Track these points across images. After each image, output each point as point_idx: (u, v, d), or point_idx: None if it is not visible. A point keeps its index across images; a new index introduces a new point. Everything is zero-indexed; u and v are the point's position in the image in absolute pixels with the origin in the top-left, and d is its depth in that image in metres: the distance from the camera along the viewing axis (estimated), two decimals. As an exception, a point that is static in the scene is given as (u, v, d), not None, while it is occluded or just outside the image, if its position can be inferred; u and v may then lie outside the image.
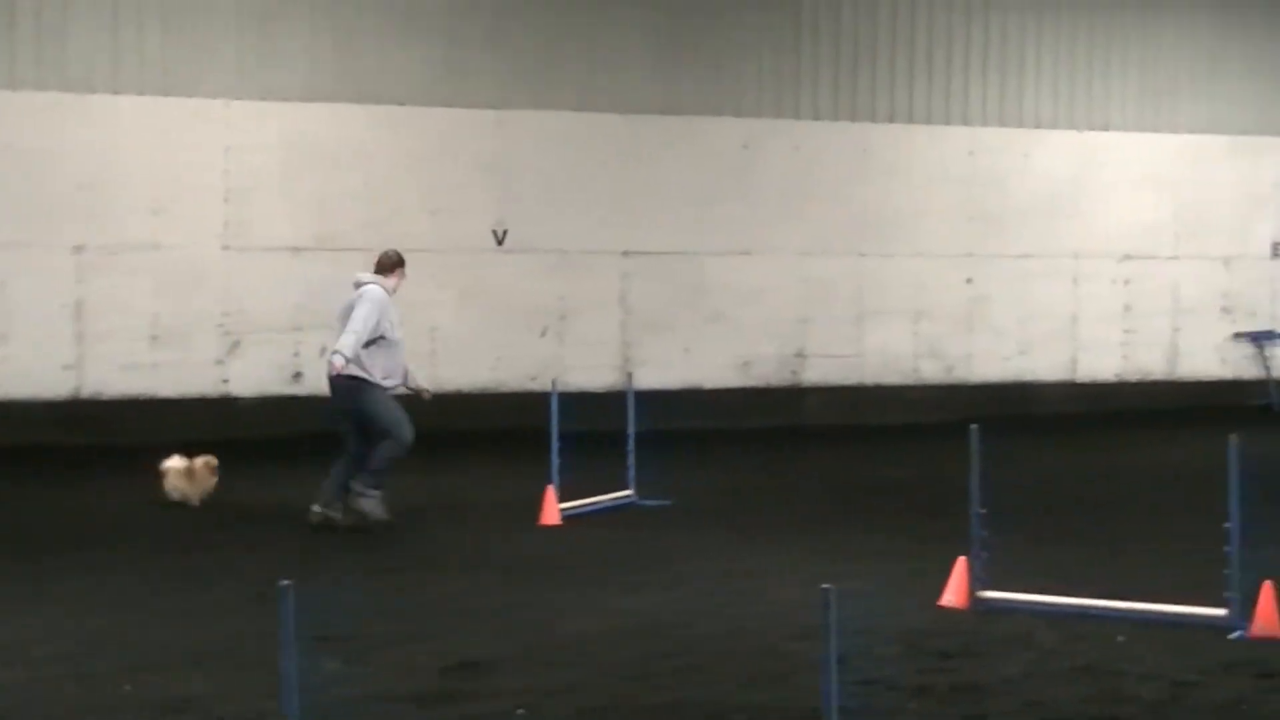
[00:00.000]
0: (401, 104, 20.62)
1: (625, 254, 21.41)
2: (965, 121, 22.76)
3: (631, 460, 15.08)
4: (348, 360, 13.54)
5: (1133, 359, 23.56)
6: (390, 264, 14.07)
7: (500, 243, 20.91)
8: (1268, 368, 23.85)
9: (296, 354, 20.26)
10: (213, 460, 15.34)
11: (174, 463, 15.28)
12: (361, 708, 8.17)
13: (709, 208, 21.78)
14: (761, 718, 8.04)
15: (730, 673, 8.92)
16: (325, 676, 8.45)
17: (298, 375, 20.25)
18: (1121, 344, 23.49)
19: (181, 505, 15.00)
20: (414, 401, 14.48)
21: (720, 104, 21.83)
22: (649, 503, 14.78)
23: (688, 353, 21.71)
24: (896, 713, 8.15)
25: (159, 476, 15.18)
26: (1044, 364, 23.23)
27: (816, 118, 22.17)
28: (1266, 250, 24.06)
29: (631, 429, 15.20)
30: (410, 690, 8.52)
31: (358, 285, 13.89)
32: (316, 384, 20.20)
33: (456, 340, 20.78)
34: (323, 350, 20.17)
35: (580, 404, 16.36)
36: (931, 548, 12.27)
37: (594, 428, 15.64)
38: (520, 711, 8.11)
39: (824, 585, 5.96)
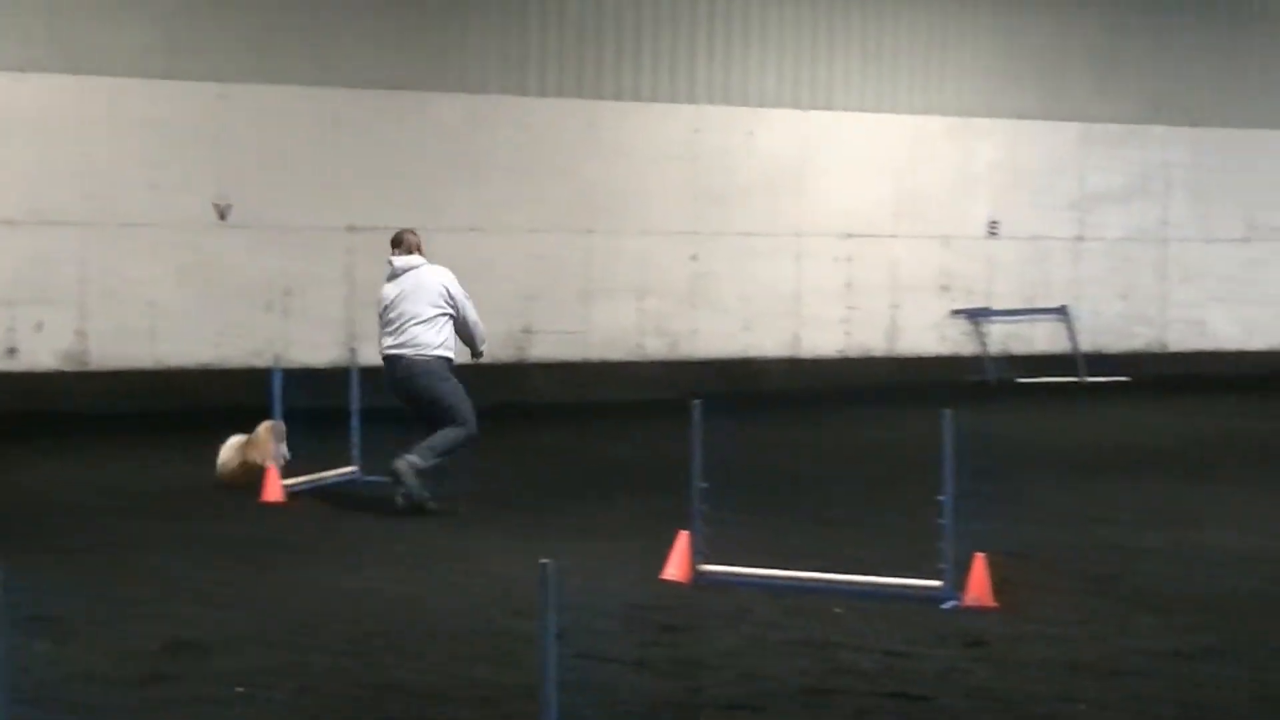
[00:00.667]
0: (118, 76, 20.15)
1: (351, 229, 21.20)
2: (690, 100, 22.94)
3: (356, 437, 14.96)
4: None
5: (854, 335, 23.97)
6: (418, 244, 13.97)
7: (223, 218, 20.58)
8: (984, 344, 24.43)
9: (11, 329, 19.73)
10: (275, 425, 14.38)
11: (228, 443, 14.62)
12: (74, 689, 7.99)
13: (436, 183, 21.67)
14: (482, 693, 8.03)
15: (451, 650, 8.89)
16: (36, 657, 8.25)
17: (12, 351, 19.71)
18: (843, 321, 23.88)
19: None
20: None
21: (448, 79, 21.71)
22: (373, 479, 14.66)
23: (414, 329, 21.58)
24: (616, 686, 8.20)
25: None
26: (768, 340, 23.52)
27: (544, 94, 22.17)
28: (983, 229, 24.64)
29: (355, 405, 15.07)
30: (126, 671, 8.35)
31: (405, 270, 13.65)
32: (32, 359, 19.71)
33: (177, 316, 20.40)
34: (39, 325, 19.69)
35: (305, 380, 16.19)
36: (654, 523, 12.34)
37: (319, 404, 15.48)
38: (239, 690, 8.01)
39: (542, 560, 5.96)
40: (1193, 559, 11.64)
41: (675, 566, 10.71)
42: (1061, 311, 24.90)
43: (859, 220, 23.84)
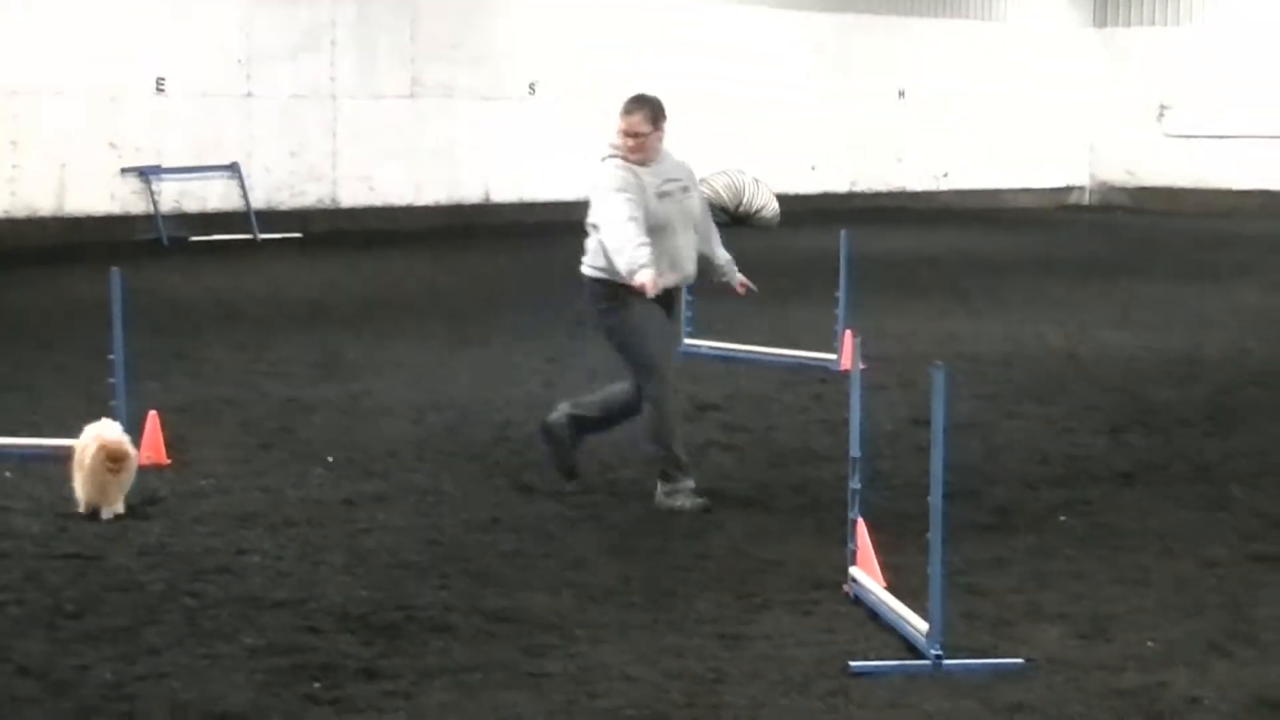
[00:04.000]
0: None
1: None
2: None
3: None
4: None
5: (21, 196, 23.19)
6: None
7: None
8: (155, 202, 24.13)
9: None
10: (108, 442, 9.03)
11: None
12: None
13: None
14: None
15: None
16: None
17: None
18: (9, 180, 23.04)
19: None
20: None
21: None
22: None
23: None
24: None
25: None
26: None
27: None
28: (153, 86, 24.24)
29: None
30: None
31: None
32: None
33: None
34: None
35: None
36: None
37: None
38: None
39: None
40: (361, 410, 12.00)
41: None
42: (233, 169, 24.87)
43: (22, 75, 23.01)
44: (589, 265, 9.44)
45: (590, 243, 9.44)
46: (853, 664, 6.79)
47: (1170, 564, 8.36)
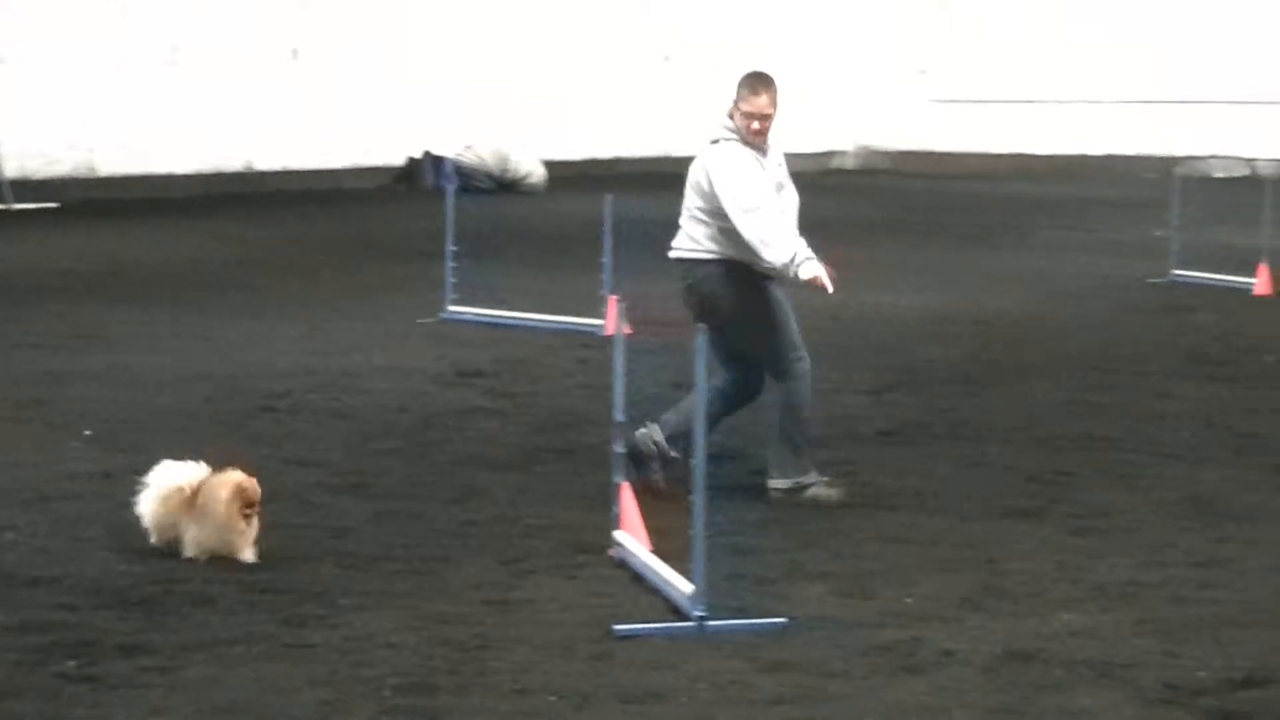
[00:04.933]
0: None
1: None
2: None
3: None
4: None
5: None
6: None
7: None
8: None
9: None
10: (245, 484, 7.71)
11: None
12: None
13: None
14: None
15: None
16: None
17: None
18: None
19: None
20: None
21: None
22: None
23: None
24: None
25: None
26: None
27: None
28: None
29: None
30: None
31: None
32: None
33: None
34: None
35: None
36: None
37: None
38: None
39: None
40: (121, 381, 11.79)
41: None
42: (-16, 138, 24.25)
43: None
44: (700, 250, 8.94)
45: (695, 229, 8.98)
46: (617, 627, 6.82)
47: (928, 521, 8.54)
